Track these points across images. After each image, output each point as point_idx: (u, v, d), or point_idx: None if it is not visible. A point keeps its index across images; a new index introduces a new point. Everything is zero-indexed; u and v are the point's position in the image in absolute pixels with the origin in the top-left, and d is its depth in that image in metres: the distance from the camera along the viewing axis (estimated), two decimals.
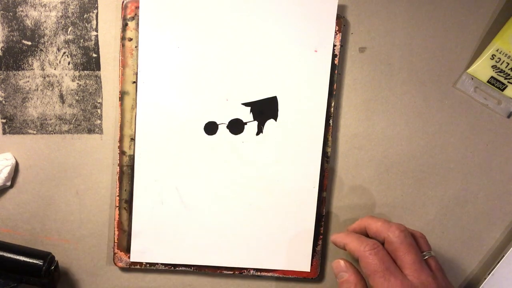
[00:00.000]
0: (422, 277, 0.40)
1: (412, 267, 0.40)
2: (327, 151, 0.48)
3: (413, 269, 0.40)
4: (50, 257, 0.45)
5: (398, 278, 0.39)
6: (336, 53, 0.47)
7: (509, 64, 0.48)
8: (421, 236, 0.44)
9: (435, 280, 0.40)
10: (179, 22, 0.45)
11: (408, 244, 0.41)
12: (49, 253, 0.46)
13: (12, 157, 0.47)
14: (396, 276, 0.40)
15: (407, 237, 0.42)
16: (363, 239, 0.42)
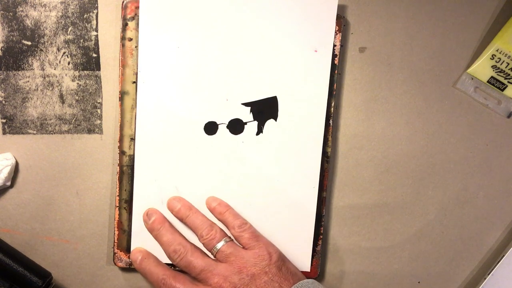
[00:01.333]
0: (209, 282, 0.43)
1: (200, 278, 0.44)
2: (327, 151, 0.48)
3: (201, 280, 0.44)
4: (49, 279, 0.45)
5: None
6: (336, 53, 0.47)
7: (509, 64, 0.48)
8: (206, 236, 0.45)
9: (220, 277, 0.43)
10: (179, 22, 0.45)
11: (185, 265, 0.45)
12: (49, 274, 0.46)
13: (12, 157, 0.47)
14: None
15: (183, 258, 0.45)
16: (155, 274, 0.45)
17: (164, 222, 0.46)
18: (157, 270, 0.45)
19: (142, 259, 0.46)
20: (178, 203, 0.47)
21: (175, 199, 0.47)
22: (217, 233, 0.45)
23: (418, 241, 0.51)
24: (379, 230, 0.50)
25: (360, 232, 0.51)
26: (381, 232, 0.50)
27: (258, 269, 0.43)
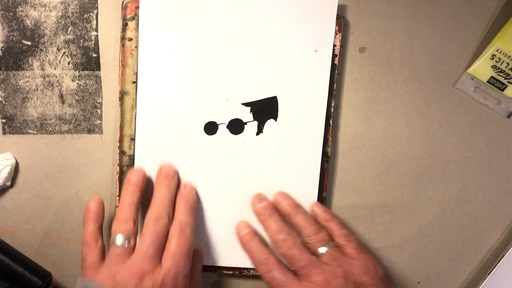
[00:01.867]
0: (312, 278, 0.43)
1: (302, 273, 0.44)
2: (327, 151, 0.48)
3: (302, 274, 0.44)
4: (49, 279, 0.46)
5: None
6: (336, 53, 0.47)
7: (509, 64, 0.48)
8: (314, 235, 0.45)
9: (325, 275, 0.43)
10: (179, 22, 0.45)
11: (291, 256, 0.44)
12: (49, 274, 0.46)
13: (12, 157, 0.47)
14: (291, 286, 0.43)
15: (290, 250, 0.44)
16: (259, 254, 0.45)
17: (274, 209, 0.47)
18: (263, 251, 0.45)
19: (248, 234, 0.47)
20: (287, 199, 0.47)
21: (283, 194, 0.47)
22: (324, 236, 0.45)
23: (418, 241, 0.51)
24: (379, 230, 0.50)
25: (360, 232, 0.51)
26: (381, 232, 0.50)
27: (365, 279, 0.43)
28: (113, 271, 0.40)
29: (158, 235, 0.41)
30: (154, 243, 0.41)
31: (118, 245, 0.41)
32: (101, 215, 0.44)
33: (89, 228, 0.43)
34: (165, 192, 0.44)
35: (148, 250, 0.41)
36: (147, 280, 0.39)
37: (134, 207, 0.43)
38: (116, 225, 0.42)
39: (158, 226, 0.42)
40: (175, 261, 0.41)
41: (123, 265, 0.40)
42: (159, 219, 0.42)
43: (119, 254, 0.41)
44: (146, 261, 0.40)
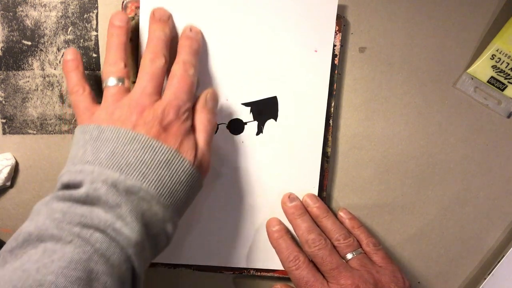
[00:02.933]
0: (341, 281, 0.43)
1: (330, 275, 0.44)
2: (327, 151, 0.48)
3: (331, 276, 0.44)
4: None
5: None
6: (336, 53, 0.47)
7: (509, 64, 0.48)
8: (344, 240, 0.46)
9: (354, 280, 0.43)
10: (179, 22, 0.45)
11: (321, 257, 0.45)
12: None
13: (12, 157, 0.47)
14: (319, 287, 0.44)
15: (321, 250, 0.45)
16: (289, 251, 0.46)
17: (304, 209, 0.47)
18: (293, 247, 0.46)
19: (280, 231, 0.47)
20: (317, 202, 0.47)
21: (312, 197, 0.47)
22: (354, 241, 0.46)
23: (418, 241, 0.51)
24: (379, 230, 0.51)
25: None
26: (381, 232, 0.50)
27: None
28: (110, 110, 0.39)
29: (155, 74, 0.40)
30: (152, 81, 0.39)
31: (112, 85, 0.40)
32: (81, 63, 0.42)
33: (73, 77, 0.41)
34: (160, 34, 0.41)
35: (146, 88, 0.39)
36: (147, 112, 0.38)
37: (122, 48, 0.41)
38: (106, 68, 0.41)
39: (155, 65, 0.40)
40: (176, 94, 0.39)
41: (120, 103, 0.39)
42: (155, 59, 0.40)
43: (114, 94, 0.39)
44: (144, 97, 0.39)
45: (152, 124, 0.37)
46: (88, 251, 0.32)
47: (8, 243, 0.33)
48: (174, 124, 0.38)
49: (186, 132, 0.39)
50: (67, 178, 0.36)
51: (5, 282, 0.30)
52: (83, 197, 0.34)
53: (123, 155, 0.36)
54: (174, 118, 0.38)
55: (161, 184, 0.36)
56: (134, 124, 0.37)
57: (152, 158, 0.36)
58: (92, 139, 0.37)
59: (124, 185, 0.35)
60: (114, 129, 0.37)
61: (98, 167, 0.35)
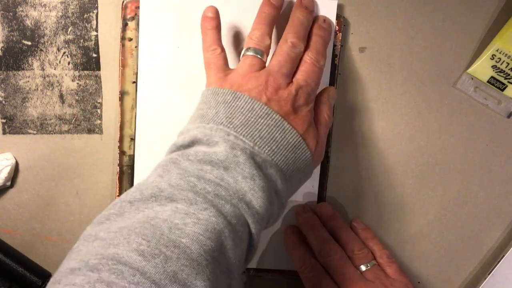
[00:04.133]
0: None
1: (344, 285, 0.44)
2: (327, 151, 0.48)
3: (345, 286, 0.43)
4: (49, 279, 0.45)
5: None
6: (336, 53, 0.47)
7: (509, 64, 0.48)
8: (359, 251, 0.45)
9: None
10: (179, 22, 0.45)
11: (334, 268, 0.44)
12: (49, 274, 0.46)
13: (12, 157, 0.47)
14: None
15: (334, 261, 0.44)
16: (305, 259, 0.45)
17: (318, 220, 0.47)
18: (309, 255, 0.45)
19: (296, 240, 0.46)
20: (331, 211, 0.47)
21: (326, 206, 0.47)
22: (369, 253, 0.46)
23: (418, 241, 0.51)
24: (379, 230, 0.50)
25: None
26: (381, 232, 0.50)
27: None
28: (246, 78, 0.38)
29: (293, 59, 0.40)
30: (290, 64, 0.39)
31: (252, 55, 0.40)
32: (219, 24, 0.42)
33: (211, 34, 0.41)
34: (304, 21, 0.41)
35: (284, 68, 0.39)
36: (282, 91, 0.38)
37: (272, 25, 0.41)
38: (251, 38, 0.40)
39: (295, 50, 0.40)
40: (307, 81, 0.40)
41: (258, 74, 0.38)
42: (296, 45, 0.40)
43: (252, 64, 0.39)
44: (281, 76, 0.39)
45: (285, 103, 0.38)
46: (221, 223, 0.32)
47: (129, 194, 0.33)
48: (303, 109, 0.39)
49: (311, 119, 0.40)
50: (201, 134, 0.35)
51: (136, 234, 0.29)
52: (221, 160, 0.34)
53: (257, 127, 0.36)
54: (304, 103, 0.39)
55: (287, 166, 0.37)
56: (269, 99, 0.37)
57: (283, 138, 0.37)
58: (226, 103, 0.37)
59: (260, 158, 0.35)
60: (249, 100, 0.37)
61: (234, 132, 0.35)
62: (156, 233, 0.29)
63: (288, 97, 0.38)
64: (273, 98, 0.37)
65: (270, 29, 0.41)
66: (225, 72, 0.40)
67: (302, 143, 0.38)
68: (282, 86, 0.38)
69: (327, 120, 0.41)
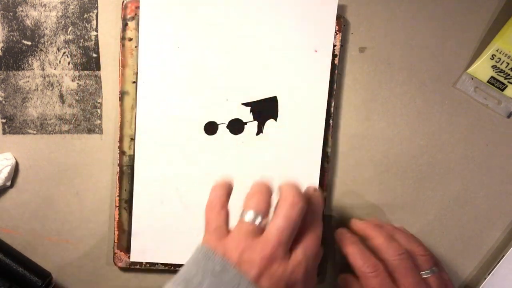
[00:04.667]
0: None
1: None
2: (327, 151, 0.48)
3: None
4: (49, 279, 0.46)
5: None
6: (336, 53, 0.47)
7: (509, 64, 0.48)
8: (423, 254, 0.44)
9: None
10: (179, 22, 0.45)
11: (405, 267, 0.42)
12: (49, 274, 0.46)
13: (12, 157, 0.47)
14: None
15: (404, 260, 0.43)
16: (366, 257, 0.43)
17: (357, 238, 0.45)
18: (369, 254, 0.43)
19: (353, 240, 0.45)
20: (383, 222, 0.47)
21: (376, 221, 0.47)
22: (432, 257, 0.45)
23: None
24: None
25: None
26: None
27: None
28: (240, 247, 0.36)
29: (294, 220, 0.37)
30: (290, 227, 0.37)
31: (248, 221, 0.38)
32: (230, 187, 0.41)
33: (217, 191, 0.40)
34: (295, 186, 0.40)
35: (283, 234, 0.37)
36: (277, 266, 0.36)
37: (267, 192, 0.40)
38: (248, 201, 0.39)
39: (295, 211, 0.38)
40: (307, 253, 0.38)
41: (253, 243, 0.37)
42: (295, 204, 0.38)
43: (249, 231, 0.37)
44: (279, 245, 0.37)
45: (277, 281, 0.36)
46: None
47: None
48: (298, 285, 0.37)
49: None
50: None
51: None
52: None
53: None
54: (301, 280, 0.37)
55: None
56: (261, 273, 0.36)
57: None
58: (213, 273, 0.35)
59: None
60: (237, 276, 0.35)
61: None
62: None
63: (283, 274, 0.36)
64: (265, 273, 0.36)
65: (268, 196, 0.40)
66: (222, 234, 0.38)
67: None
68: (279, 259, 0.37)
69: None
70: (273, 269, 0.36)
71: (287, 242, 0.37)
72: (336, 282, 0.51)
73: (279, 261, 0.37)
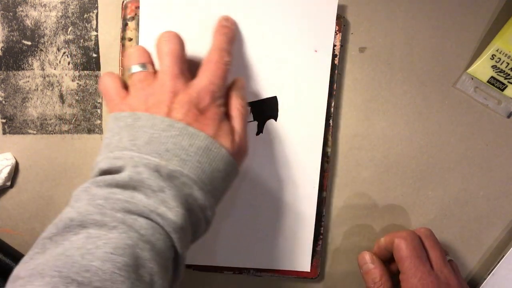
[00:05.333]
0: (445, 271, 0.44)
1: (438, 261, 0.45)
2: (327, 151, 0.48)
3: (438, 262, 0.45)
4: None
5: (426, 267, 0.44)
6: (336, 53, 0.47)
7: (509, 64, 0.48)
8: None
9: (456, 277, 0.45)
10: (179, 22, 0.45)
11: (434, 240, 0.46)
12: None
13: (12, 157, 0.47)
14: (424, 265, 0.44)
15: (434, 235, 0.47)
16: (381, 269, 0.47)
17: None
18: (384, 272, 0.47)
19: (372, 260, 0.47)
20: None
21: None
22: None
23: None
24: (379, 230, 0.50)
25: (360, 232, 0.51)
26: (381, 232, 0.50)
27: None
28: (142, 96, 0.38)
29: (177, 55, 0.39)
30: (177, 63, 0.38)
31: (137, 71, 0.39)
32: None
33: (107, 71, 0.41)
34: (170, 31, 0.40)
35: (173, 70, 0.38)
36: (182, 96, 0.37)
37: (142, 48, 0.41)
38: (127, 59, 0.40)
39: (173, 43, 0.39)
40: (211, 79, 0.38)
41: (151, 88, 0.38)
42: (169, 40, 0.39)
43: (143, 79, 0.38)
44: (175, 80, 0.38)
45: (188, 107, 0.37)
46: (133, 237, 0.32)
47: (48, 230, 0.32)
48: (210, 109, 0.38)
49: (222, 117, 0.39)
50: (106, 164, 0.35)
51: (49, 268, 0.29)
52: (126, 181, 0.33)
53: (161, 141, 0.35)
54: (209, 102, 0.38)
55: (201, 171, 0.36)
56: (170, 108, 0.37)
57: (190, 144, 0.36)
58: (127, 126, 0.36)
59: (166, 170, 0.34)
60: (149, 117, 0.36)
61: (137, 154, 0.35)
62: (68, 262, 0.30)
63: (190, 101, 0.37)
64: (174, 107, 0.37)
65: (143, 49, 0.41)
66: (122, 95, 0.39)
67: (214, 143, 0.37)
68: (181, 90, 0.37)
69: (241, 111, 0.40)
70: (178, 100, 0.37)
71: (181, 75, 0.38)
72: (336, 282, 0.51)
73: (182, 91, 0.37)
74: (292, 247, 0.49)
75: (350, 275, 0.51)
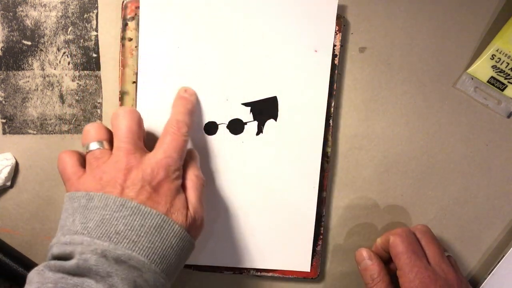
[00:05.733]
0: (443, 266, 0.45)
1: (435, 257, 0.45)
2: (327, 151, 0.48)
3: (435, 258, 0.45)
4: None
5: (422, 262, 0.44)
6: (336, 53, 0.47)
7: (509, 64, 0.48)
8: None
9: (454, 272, 0.45)
10: (179, 22, 0.45)
11: (431, 236, 0.47)
12: None
13: (12, 157, 0.47)
14: (421, 260, 0.44)
15: (431, 231, 0.47)
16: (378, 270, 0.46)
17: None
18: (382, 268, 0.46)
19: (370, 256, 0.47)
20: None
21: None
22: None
23: None
24: (379, 230, 0.50)
25: (360, 232, 0.51)
26: (381, 232, 0.50)
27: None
28: (97, 174, 0.38)
29: (132, 131, 0.39)
30: (132, 139, 0.38)
31: (94, 149, 0.39)
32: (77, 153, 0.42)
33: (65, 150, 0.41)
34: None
35: (127, 146, 0.38)
36: (135, 173, 0.37)
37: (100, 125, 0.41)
38: (85, 137, 0.40)
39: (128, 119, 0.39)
40: (167, 152, 0.39)
41: (106, 166, 0.38)
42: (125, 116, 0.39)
43: (98, 157, 0.38)
44: (129, 156, 0.38)
45: (141, 185, 0.37)
46: None
47: None
48: (164, 184, 0.38)
49: (176, 191, 0.38)
50: (57, 250, 0.35)
51: None
52: (74, 268, 0.34)
53: (112, 223, 0.35)
54: (163, 178, 0.38)
55: (152, 251, 0.35)
56: (123, 187, 0.36)
57: (142, 224, 0.36)
58: (81, 207, 0.36)
59: (113, 254, 0.34)
60: (102, 197, 0.36)
61: (87, 237, 0.35)
62: None
63: (143, 178, 0.37)
64: (127, 185, 0.37)
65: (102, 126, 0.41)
66: (79, 174, 0.39)
67: (166, 220, 0.36)
68: (135, 166, 0.37)
69: (195, 182, 0.40)
70: (132, 177, 0.37)
71: (135, 151, 0.38)
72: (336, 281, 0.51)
73: (136, 168, 0.37)
74: (292, 247, 0.49)
75: (350, 275, 0.51)
